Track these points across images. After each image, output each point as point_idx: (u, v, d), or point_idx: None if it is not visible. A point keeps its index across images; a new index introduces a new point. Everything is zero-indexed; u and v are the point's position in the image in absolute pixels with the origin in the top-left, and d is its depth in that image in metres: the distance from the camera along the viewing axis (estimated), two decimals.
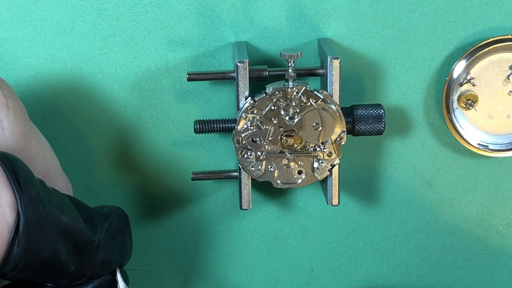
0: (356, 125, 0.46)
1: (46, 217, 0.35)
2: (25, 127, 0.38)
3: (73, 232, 0.37)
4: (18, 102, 0.38)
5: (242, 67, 0.45)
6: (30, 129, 0.39)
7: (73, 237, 0.37)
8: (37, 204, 0.34)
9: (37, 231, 0.34)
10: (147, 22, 0.48)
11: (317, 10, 0.48)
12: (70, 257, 0.37)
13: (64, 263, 0.36)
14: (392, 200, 0.53)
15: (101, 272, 0.40)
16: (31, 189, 0.34)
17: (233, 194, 0.52)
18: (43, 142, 0.40)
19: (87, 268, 0.38)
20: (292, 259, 0.54)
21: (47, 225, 0.35)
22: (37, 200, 0.34)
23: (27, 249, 0.34)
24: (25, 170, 0.35)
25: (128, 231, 0.42)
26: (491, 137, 0.50)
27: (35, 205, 0.34)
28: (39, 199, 0.35)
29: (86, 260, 0.38)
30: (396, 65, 0.49)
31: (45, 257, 0.35)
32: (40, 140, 0.40)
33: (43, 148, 0.40)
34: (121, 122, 0.50)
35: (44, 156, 0.39)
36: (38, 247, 0.35)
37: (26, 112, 0.38)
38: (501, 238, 0.54)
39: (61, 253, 0.36)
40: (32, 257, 0.34)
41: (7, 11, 0.47)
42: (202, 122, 0.46)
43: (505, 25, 0.49)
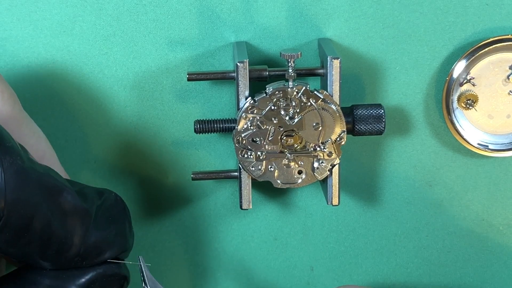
0: (356, 125, 0.46)
1: (26, 170, 0.35)
2: (13, 111, 0.38)
3: (59, 193, 0.37)
4: (6, 86, 0.38)
5: (242, 67, 0.45)
6: (20, 113, 0.39)
7: (59, 199, 0.37)
8: (14, 155, 0.35)
9: (17, 182, 0.34)
10: (147, 22, 0.48)
11: (317, 10, 0.48)
12: (59, 223, 0.36)
13: (52, 228, 0.36)
14: (392, 200, 0.53)
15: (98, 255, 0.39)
16: (7, 142, 0.35)
17: (233, 194, 0.52)
18: (36, 131, 0.40)
19: (79, 241, 0.37)
20: (292, 259, 0.54)
21: (29, 180, 0.35)
22: (13, 151, 0.35)
23: (9, 200, 0.34)
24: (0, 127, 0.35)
25: (127, 218, 0.42)
26: (491, 137, 0.50)
27: (12, 156, 0.34)
28: (16, 152, 0.35)
29: (76, 229, 0.37)
30: (396, 65, 0.49)
31: (30, 216, 0.35)
32: (32, 128, 0.40)
33: (36, 136, 0.40)
34: (121, 122, 0.50)
35: (38, 144, 0.39)
36: (20, 200, 0.34)
37: (16, 97, 0.39)
38: (501, 238, 0.54)
39: (49, 215, 0.36)
40: (15, 210, 0.34)
41: (7, 11, 0.47)
42: (202, 122, 0.46)
43: (505, 25, 0.49)
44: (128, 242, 0.41)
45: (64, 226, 0.37)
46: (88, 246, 0.38)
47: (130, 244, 0.41)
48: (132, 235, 0.42)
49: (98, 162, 0.50)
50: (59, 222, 0.36)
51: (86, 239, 0.38)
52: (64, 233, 0.37)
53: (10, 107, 0.38)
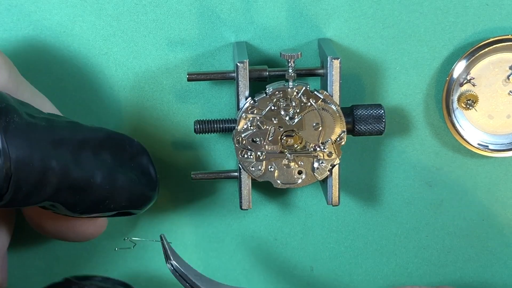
0: (356, 125, 0.46)
1: (27, 126, 0.35)
2: (10, 75, 0.38)
3: (67, 140, 0.37)
4: (0, 53, 0.38)
5: (242, 67, 0.45)
6: (17, 78, 0.39)
7: (69, 145, 0.37)
8: (10, 114, 0.35)
9: (20, 139, 0.35)
10: (147, 22, 0.48)
11: (317, 10, 0.48)
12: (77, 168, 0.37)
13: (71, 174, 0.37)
14: (392, 200, 0.53)
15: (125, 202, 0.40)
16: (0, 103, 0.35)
17: (233, 194, 0.52)
18: (38, 94, 0.40)
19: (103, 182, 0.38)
20: (292, 259, 0.54)
21: (32, 134, 0.35)
22: (8, 110, 0.35)
23: (14, 158, 0.34)
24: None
25: (149, 159, 0.42)
26: (491, 137, 0.50)
27: (8, 115, 0.35)
28: (11, 110, 0.35)
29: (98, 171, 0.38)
30: (396, 65, 0.49)
31: (42, 169, 0.35)
32: (33, 91, 0.40)
33: (39, 98, 0.40)
34: (121, 122, 0.50)
35: (43, 106, 0.40)
36: (26, 156, 0.35)
37: (10, 63, 0.39)
38: (501, 238, 0.54)
39: (63, 164, 0.36)
40: (24, 167, 0.35)
41: (7, 11, 0.47)
42: (202, 122, 0.46)
43: (505, 25, 0.49)
44: (153, 187, 0.42)
45: (81, 169, 0.37)
46: (114, 188, 0.39)
47: (156, 190, 0.42)
48: (157, 181, 0.43)
49: None
50: (75, 167, 0.37)
51: (110, 180, 0.38)
52: (84, 175, 0.37)
53: (6, 71, 0.38)
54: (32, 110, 0.37)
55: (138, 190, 0.40)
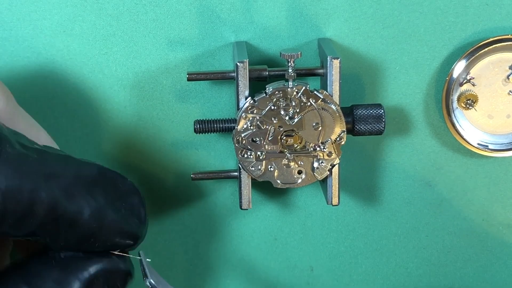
0: (356, 125, 0.46)
1: (18, 157, 0.35)
2: (8, 106, 0.38)
3: (59, 173, 0.37)
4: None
5: (242, 67, 0.45)
6: (14, 109, 0.39)
7: (60, 179, 0.36)
8: (2, 143, 0.35)
9: (10, 170, 0.34)
10: (147, 22, 0.48)
11: (317, 10, 0.48)
12: (66, 203, 0.36)
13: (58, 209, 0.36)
14: (392, 200, 0.53)
15: (111, 237, 0.39)
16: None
17: (233, 194, 0.52)
18: (35, 125, 0.40)
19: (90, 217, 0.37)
20: (292, 259, 0.54)
21: (23, 166, 0.35)
22: (1, 140, 0.35)
23: (2, 189, 0.34)
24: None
25: (143, 205, 0.41)
26: (491, 137, 0.50)
27: (1, 145, 0.35)
28: (4, 140, 0.35)
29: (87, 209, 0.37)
30: (396, 65, 0.49)
31: (30, 201, 0.35)
32: (29, 122, 0.40)
33: (35, 129, 0.40)
34: (121, 122, 0.50)
35: (38, 138, 0.39)
36: (15, 187, 0.34)
37: (9, 93, 0.39)
38: (501, 238, 0.54)
39: (52, 198, 0.36)
40: (12, 199, 0.34)
41: (7, 11, 0.47)
42: (202, 122, 0.46)
43: (505, 25, 0.49)
44: (141, 229, 0.41)
45: (70, 205, 0.37)
46: (101, 227, 0.38)
47: (143, 232, 0.41)
48: (146, 223, 0.41)
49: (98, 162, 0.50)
50: (64, 202, 0.36)
51: (97, 218, 0.38)
52: (72, 211, 0.37)
53: (3, 103, 0.38)
54: (25, 141, 0.37)
55: (125, 230, 0.39)
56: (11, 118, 0.38)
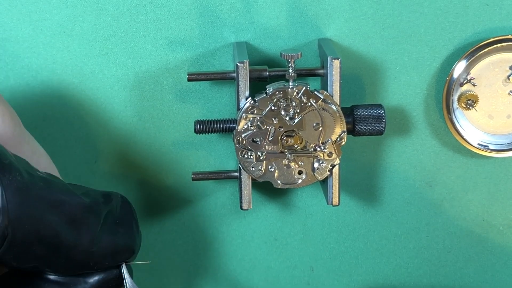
0: (357, 125, 0.46)
1: (26, 186, 0.35)
2: (14, 131, 0.38)
3: (63, 202, 0.37)
4: (7, 107, 0.38)
5: (243, 67, 0.45)
6: (21, 134, 0.39)
7: (63, 208, 0.36)
8: (13, 172, 0.34)
9: (19, 198, 0.34)
10: (147, 22, 0.48)
11: (317, 10, 0.48)
12: (67, 231, 0.36)
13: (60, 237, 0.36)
14: (392, 200, 0.53)
15: (108, 259, 0.39)
16: (4, 159, 0.34)
17: (233, 194, 0.52)
18: (38, 149, 0.40)
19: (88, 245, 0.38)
20: (292, 259, 0.54)
21: (30, 194, 0.35)
22: (11, 168, 0.34)
23: (12, 217, 0.34)
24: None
25: (135, 220, 0.42)
26: (491, 137, 0.50)
27: (11, 173, 0.34)
28: (14, 168, 0.35)
29: (84, 233, 0.37)
30: (396, 65, 0.49)
31: (35, 230, 0.35)
32: (33, 147, 0.40)
33: (37, 154, 0.40)
34: (121, 122, 0.50)
35: (38, 163, 0.39)
36: (24, 216, 0.34)
37: (16, 117, 0.39)
38: (501, 238, 0.54)
39: (55, 226, 0.36)
40: (20, 227, 0.34)
41: (7, 11, 0.47)
42: (202, 122, 0.46)
43: (505, 25, 0.49)
44: (136, 244, 0.41)
45: (71, 232, 0.37)
46: (98, 250, 0.38)
47: (138, 246, 0.42)
48: (140, 236, 0.42)
49: (98, 162, 0.50)
50: (66, 230, 0.36)
51: (96, 243, 0.38)
52: (72, 239, 0.37)
53: (11, 129, 0.38)
54: (29, 168, 0.37)
55: (121, 247, 0.40)
56: (17, 144, 0.38)
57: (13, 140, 0.38)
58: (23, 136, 0.39)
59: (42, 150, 0.41)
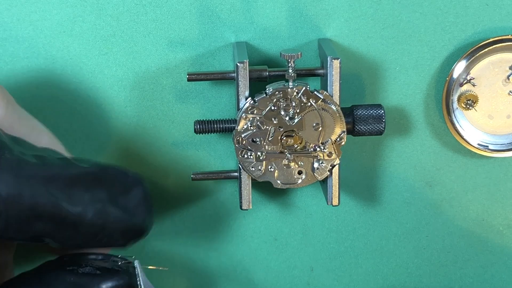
0: (356, 125, 0.46)
1: (18, 163, 0.35)
2: (7, 110, 0.38)
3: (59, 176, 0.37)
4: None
5: (242, 67, 0.45)
6: (14, 111, 0.39)
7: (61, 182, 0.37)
8: (1, 150, 0.35)
9: (10, 176, 0.35)
10: (147, 22, 0.48)
11: (317, 10, 0.48)
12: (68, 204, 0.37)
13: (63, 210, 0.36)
14: (392, 200, 0.53)
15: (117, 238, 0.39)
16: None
17: (233, 194, 0.52)
18: (37, 125, 0.40)
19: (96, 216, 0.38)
20: (292, 259, 0.54)
21: (23, 171, 0.35)
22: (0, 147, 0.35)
23: (4, 195, 0.34)
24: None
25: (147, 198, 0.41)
26: (491, 137, 0.50)
27: None
28: (2, 146, 0.35)
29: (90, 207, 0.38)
30: (396, 65, 0.49)
31: (32, 205, 0.35)
32: (31, 123, 0.40)
33: (36, 130, 0.40)
34: (121, 122, 0.50)
35: (39, 139, 0.39)
36: (16, 193, 0.35)
37: (9, 96, 0.39)
38: (501, 238, 0.54)
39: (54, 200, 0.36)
40: (14, 204, 0.35)
41: (7, 11, 0.47)
42: (202, 122, 0.46)
43: (505, 25, 0.49)
44: (146, 224, 0.41)
45: (73, 204, 0.37)
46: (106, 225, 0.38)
47: (149, 227, 0.42)
48: (151, 217, 0.42)
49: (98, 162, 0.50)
50: (66, 202, 0.37)
51: (103, 216, 0.38)
52: (75, 211, 0.37)
53: (3, 110, 0.38)
54: (25, 146, 0.37)
55: (131, 223, 0.40)
56: (12, 123, 0.38)
57: (7, 119, 0.38)
58: (17, 114, 0.39)
59: (43, 127, 0.41)
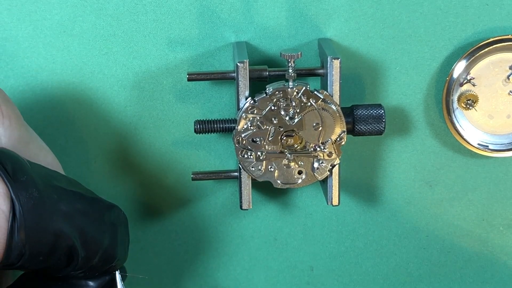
0: (356, 125, 0.46)
1: (42, 201, 0.35)
2: (21, 132, 0.38)
3: (76, 214, 0.37)
4: (13, 108, 0.38)
5: (242, 67, 0.45)
6: (27, 133, 0.39)
7: (77, 220, 0.37)
8: (30, 189, 0.35)
9: (35, 215, 0.35)
10: (147, 22, 0.48)
11: (317, 10, 0.48)
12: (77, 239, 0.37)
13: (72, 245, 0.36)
14: (392, 200, 0.53)
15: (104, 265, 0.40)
16: (21, 176, 0.35)
17: (233, 194, 0.52)
18: (43, 146, 0.40)
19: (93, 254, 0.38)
20: (292, 259, 0.54)
21: (46, 208, 0.35)
22: (29, 185, 0.35)
23: (29, 235, 0.34)
24: (13, 158, 0.35)
25: (128, 231, 0.42)
26: (491, 137, 0.50)
27: (28, 190, 0.34)
28: (31, 184, 0.35)
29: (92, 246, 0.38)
30: (396, 65, 0.49)
31: (51, 241, 0.35)
32: (39, 144, 0.40)
33: (43, 151, 0.40)
34: (121, 122, 0.50)
35: (46, 159, 0.39)
36: (40, 231, 0.35)
37: (21, 117, 0.39)
38: (501, 238, 0.54)
39: (66, 234, 0.36)
40: (36, 243, 0.35)
41: (7, 11, 0.47)
42: (202, 122, 0.46)
43: (505, 25, 0.49)
44: (126, 254, 0.42)
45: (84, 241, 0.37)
46: (100, 260, 0.39)
47: (127, 255, 0.43)
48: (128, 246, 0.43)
49: (98, 162, 0.50)
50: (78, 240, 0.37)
51: (100, 253, 0.39)
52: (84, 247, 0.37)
53: (17, 130, 0.38)
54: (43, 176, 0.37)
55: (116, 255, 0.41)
56: (26, 145, 0.38)
57: (21, 140, 0.38)
58: (29, 135, 0.39)
59: (46, 147, 0.41)
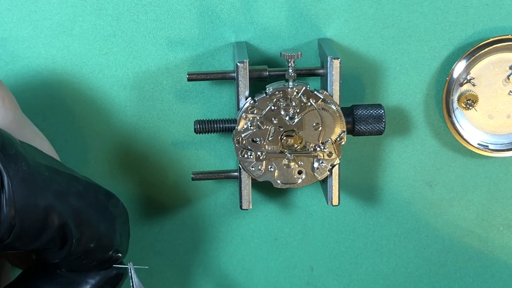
0: (356, 125, 0.46)
1: (32, 175, 0.35)
2: (15, 115, 0.38)
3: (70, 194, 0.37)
4: (7, 91, 0.38)
5: (242, 67, 0.45)
6: (22, 118, 0.39)
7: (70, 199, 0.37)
8: (19, 162, 0.35)
9: (24, 188, 0.34)
10: (147, 22, 0.48)
11: (317, 10, 0.48)
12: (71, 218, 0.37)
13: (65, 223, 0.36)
14: (392, 200, 0.53)
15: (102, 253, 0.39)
16: (10, 149, 0.35)
17: (233, 194, 0.52)
18: (38, 133, 0.40)
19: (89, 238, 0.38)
20: (292, 259, 0.54)
21: (36, 183, 0.35)
22: (18, 158, 0.35)
23: (19, 208, 0.34)
24: (2, 133, 0.35)
25: (128, 223, 0.42)
26: (491, 137, 0.50)
27: (17, 163, 0.34)
28: (20, 157, 0.35)
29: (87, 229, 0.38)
30: (396, 65, 0.49)
31: (42, 216, 0.35)
32: (34, 130, 0.40)
33: (39, 138, 0.40)
34: (121, 122, 0.50)
35: (42, 146, 0.39)
36: (30, 205, 0.35)
37: (16, 102, 0.39)
38: (501, 238, 0.54)
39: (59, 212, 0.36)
40: (26, 217, 0.34)
41: (7, 11, 0.47)
42: (202, 122, 0.46)
43: (505, 25, 0.49)
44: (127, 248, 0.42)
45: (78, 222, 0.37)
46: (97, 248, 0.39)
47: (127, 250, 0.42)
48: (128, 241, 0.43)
49: (97, 162, 0.50)
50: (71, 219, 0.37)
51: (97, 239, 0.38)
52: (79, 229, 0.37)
53: (12, 112, 0.38)
54: (36, 156, 0.37)
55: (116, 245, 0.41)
56: (20, 128, 0.38)
57: (15, 123, 0.38)
58: (23, 120, 0.39)
59: (43, 135, 0.41)
